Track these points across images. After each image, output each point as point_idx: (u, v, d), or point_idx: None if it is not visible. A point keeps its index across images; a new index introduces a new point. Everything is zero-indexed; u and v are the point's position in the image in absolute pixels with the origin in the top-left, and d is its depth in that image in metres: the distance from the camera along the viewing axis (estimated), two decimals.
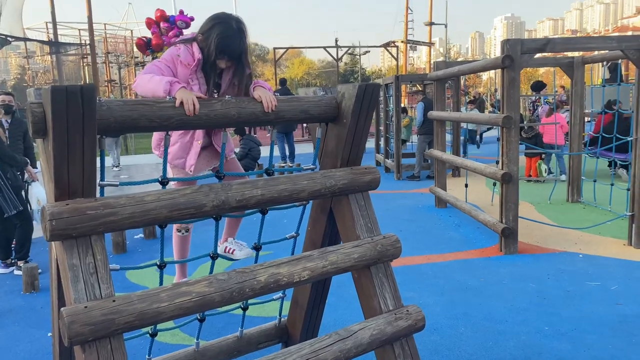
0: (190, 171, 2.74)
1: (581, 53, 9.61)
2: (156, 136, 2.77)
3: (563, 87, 13.90)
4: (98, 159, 1.96)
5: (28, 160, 5.76)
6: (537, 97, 12.59)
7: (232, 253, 2.97)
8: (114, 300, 1.78)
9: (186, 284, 1.97)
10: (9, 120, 5.74)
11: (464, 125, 11.29)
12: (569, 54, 10.68)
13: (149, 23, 13.66)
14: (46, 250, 6.08)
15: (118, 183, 2.11)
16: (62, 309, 1.72)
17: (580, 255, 5.34)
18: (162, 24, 13.64)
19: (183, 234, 3.06)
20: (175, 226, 2.90)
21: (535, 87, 11.21)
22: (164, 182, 2.19)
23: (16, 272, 5.36)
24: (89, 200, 1.87)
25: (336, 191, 2.48)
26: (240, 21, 2.46)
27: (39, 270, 5.05)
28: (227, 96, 2.28)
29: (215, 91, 2.60)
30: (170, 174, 2.76)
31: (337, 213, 2.61)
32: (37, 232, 5.74)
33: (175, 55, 2.48)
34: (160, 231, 2.25)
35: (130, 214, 1.89)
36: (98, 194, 1.98)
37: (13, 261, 5.50)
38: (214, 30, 2.41)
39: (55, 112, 1.70)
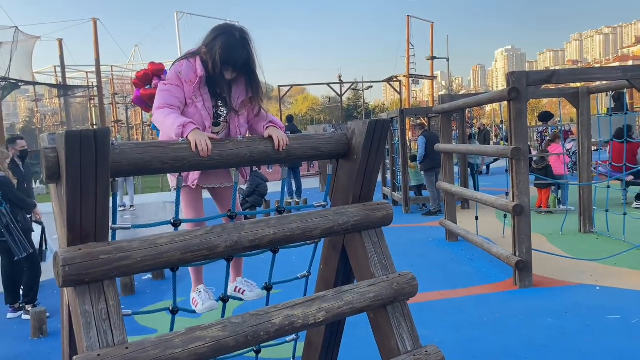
0: (193, 185, 2.63)
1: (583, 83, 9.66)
2: (163, 137, 2.63)
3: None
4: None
5: (37, 203, 5.77)
6: (545, 128, 12.59)
7: (242, 293, 2.86)
8: (127, 348, 1.74)
9: (199, 328, 1.92)
10: (22, 165, 5.83)
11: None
12: (573, 84, 10.74)
13: (140, 80, 13.92)
14: (54, 294, 6.02)
15: (130, 226, 2.09)
16: (74, 358, 1.67)
17: (597, 288, 5.22)
18: (154, 82, 13.77)
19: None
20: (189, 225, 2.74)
21: (543, 117, 11.22)
22: (176, 224, 2.17)
23: (24, 316, 5.29)
24: (101, 244, 1.84)
25: (349, 228, 2.45)
26: (243, 31, 2.43)
27: (47, 314, 4.99)
28: (239, 136, 2.28)
29: (222, 106, 2.54)
30: (172, 182, 2.60)
31: (350, 250, 2.57)
32: (45, 275, 5.70)
33: (177, 72, 2.43)
34: (172, 274, 2.21)
35: (143, 258, 1.87)
36: (110, 238, 1.96)
37: (21, 305, 5.44)
38: (217, 42, 2.36)
39: (69, 157, 1.70)
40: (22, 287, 5.49)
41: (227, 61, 2.37)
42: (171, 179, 2.65)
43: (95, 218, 1.82)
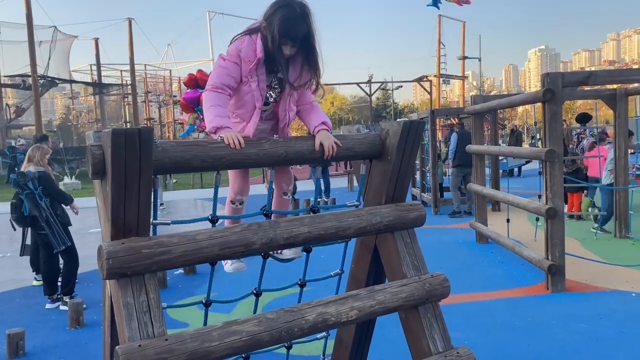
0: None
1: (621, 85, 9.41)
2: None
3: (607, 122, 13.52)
4: None
5: (73, 197, 5.95)
6: (582, 129, 12.27)
7: (280, 253, 2.74)
8: (166, 339, 1.80)
9: (236, 322, 1.97)
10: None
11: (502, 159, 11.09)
12: (610, 85, 10.47)
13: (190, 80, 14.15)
14: (89, 286, 6.21)
15: (170, 222, 2.15)
16: (117, 347, 1.74)
17: (633, 294, 5.10)
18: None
19: (237, 206, 2.74)
20: (229, 197, 2.65)
21: (580, 119, 10.93)
22: (214, 220, 2.22)
23: (62, 307, 5.47)
24: (143, 239, 1.90)
25: (382, 228, 2.46)
26: (303, 4, 2.33)
27: (84, 306, 5.14)
28: (275, 136, 2.32)
29: (275, 87, 2.47)
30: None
31: (383, 251, 2.58)
32: (82, 267, 5.87)
33: (238, 50, 2.34)
34: (211, 268, 2.27)
35: (183, 252, 1.92)
36: (150, 233, 2.02)
37: (59, 297, 5.62)
38: (276, 15, 2.28)
39: (115, 154, 1.76)
40: (60, 279, 5.67)
41: (286, 35, 2.28)
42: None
43: (138, 213, 1.88)
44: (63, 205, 5.76)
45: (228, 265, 2.65)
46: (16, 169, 6.24)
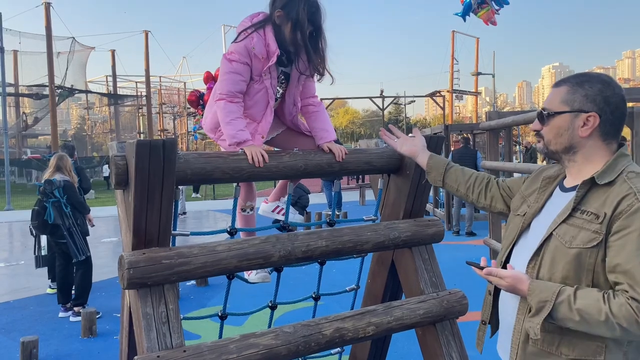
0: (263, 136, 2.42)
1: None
2: (214, 118, 2.38)
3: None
4: None
5: (90, 208, 5.98)
6: None
7: (282, 214, 2.64)
8: (184, 351, 1.79)
9: (253, 335, 1.96)
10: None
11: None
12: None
13: (208, 78, 14.21)
14: (103, 295, 6.23)
15: (189, 233, 2.16)
16: (135, 358, 1.74)
17: None
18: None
19: (248, 212, 2.66)
20: (239, 206, 2.55)
21: None
22: (232, 232, 2.23)
23: (72, 318, 5.46)
24: (164, 249, 1.91)
25: (399, 243, 2.45)
26: None
27: (98, 315, 5.16)
28: (295, 149, 2.32)
29: (282, 82, 2.38)
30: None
31: (400, 266, 2.57)
32: (95, 276, 5.90)
33: (250, 48, 2.21)
34: (228, 281, 2.27)
35: (202, 264, 1.93)
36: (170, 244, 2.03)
37: (72, 306, 5.62)
38: (296, 1, 2.17)
39: (139, 165, 1.78)
40: (73, 289, 5.68)
41: (312, 19, 2.20)
42: (211, 136, 2.50)
43: (159, 224, 1.89)
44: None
45: (253, 275, 2.58)
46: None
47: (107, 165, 23.37)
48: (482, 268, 1.68)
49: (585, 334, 1.52)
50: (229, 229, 2.24)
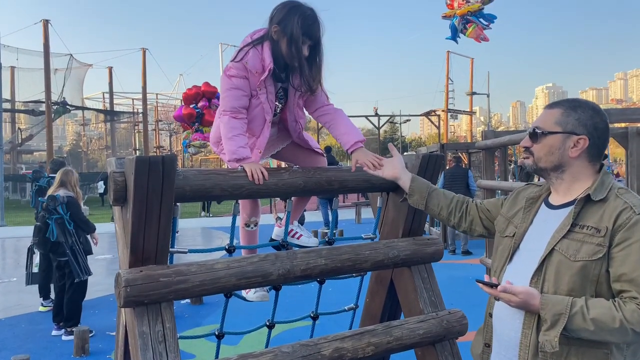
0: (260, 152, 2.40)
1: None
2: (217, 132, 2.37)
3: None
4: None
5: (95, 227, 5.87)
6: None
7: (298, 238, 2.59)
8: None
9: (251, 355, 1.93)
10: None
11: None
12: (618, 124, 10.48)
13: (187, 97, 14.24)
14: (96, 313, 6.15)
15: (187, 250, 2.14)
16: None
17: None
18: (200, 103, 14.08)
19: (252, 228, 2.60)
20: (242, 221, 2.54)
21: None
22: (230, 249, 2.21)
23: (65, 337, 5.35)
24: (161, 267, 1.89)
25: (399, 262, 2.44)
26: (311, 6, 2.26)
27: (91, 334, 5.07)
28: (295, 166, 2.32)
29: (281, 97, 2.38)
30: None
31: (399, 285, 2.55)
32: (88, 294, 5.81)
33: (244, 63, 2.22)
34: (225, 300, 2.24)
35: (200, 282, 1.90)
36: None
37: (62, 324, 5.50)
38: (292, 15, 2.19)
39: (137, 181, 1.76)
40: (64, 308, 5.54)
41: (307, 33, 2.20)
42: (215, 150, 2.48)
43: (157, 241, 1.87)
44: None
45: (251, 294, 2.54)
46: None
47: (102, 182, 23.23)
48: (494, 285, 1.67)
49: (591, 342, 1.59)
50: (227, 247, 2.22)
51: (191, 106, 14.24)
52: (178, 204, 2.05)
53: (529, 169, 1.82)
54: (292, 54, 2.21)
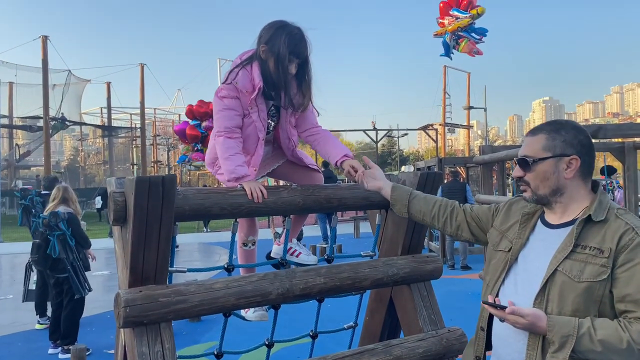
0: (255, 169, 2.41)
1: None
2: (212, 153, 2.42)
3: None
4: None
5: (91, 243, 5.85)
6: (610, 181, 12.09)
7: (297, 256, 2.56)
8: None
9: None
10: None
11: None
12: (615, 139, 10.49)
13: (194, 113, 14.36)
14: (93, 331, 6.10)
15: (186, 270, 2.13)
16: None
17: None
18: (204, 123, 14.11)
19: (250, 247, 2.60)
20: (240, 240, 2.54)
21: (610, 172, 10.72)
22: (229, 269, 2.20)
23: (61, 355, 5.29)
24: (160, 287, 1.89)
25: (398, 280, 2.43)
26: (298, 25, 2.31)
27: (88, 352, 5.02)
28: (293, 184, 2.32)
29: (273, 115, 2.40)
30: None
31: (398, 303, 2.54)
32: (85, 311, 5.76)
33: (235, 83, 2.26)
34: (224, 319, 2.23)
35: (199, 302, 1.90)
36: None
37: (59, 342, 5.45)
38: (279, 35, 2.23)
39: (137, 201, 1.77)
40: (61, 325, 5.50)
41: (293, 52, 2.24)
42: (211, 170, 2.50)
43: (157, 261, 1.87)
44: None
45: (250, 313, 2.52)
46: (33, 210, 6.15)
47: (99, 197, 23.18)
48: (502, 307, 1.65)
49: None
50: (226, 266, 2.21)
51: (192, 123, 14.32)
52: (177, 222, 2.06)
53: (529, 201, 1.80)
54: (279, 72, 2.24)
